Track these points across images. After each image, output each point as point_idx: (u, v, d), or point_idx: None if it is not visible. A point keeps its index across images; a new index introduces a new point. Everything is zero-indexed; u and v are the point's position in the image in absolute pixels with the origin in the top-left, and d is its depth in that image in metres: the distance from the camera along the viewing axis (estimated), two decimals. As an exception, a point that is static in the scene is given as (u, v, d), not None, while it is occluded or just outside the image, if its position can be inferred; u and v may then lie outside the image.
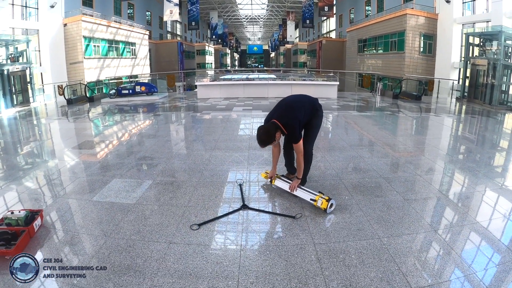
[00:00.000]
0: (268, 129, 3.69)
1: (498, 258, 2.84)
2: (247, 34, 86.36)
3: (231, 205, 3.80)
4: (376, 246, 2.99)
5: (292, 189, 3.97)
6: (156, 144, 6.82)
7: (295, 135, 3.75)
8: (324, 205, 3.58)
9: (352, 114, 11.01)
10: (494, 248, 2.99)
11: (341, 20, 40.30)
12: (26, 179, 4.90)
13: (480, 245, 3.07)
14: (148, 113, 11.88)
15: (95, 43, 24.37)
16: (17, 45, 16.96)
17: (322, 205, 3.59)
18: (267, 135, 3.65)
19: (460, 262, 2.79)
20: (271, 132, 3.66)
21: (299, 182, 4.00)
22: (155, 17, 39.64)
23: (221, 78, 18.82)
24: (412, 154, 6.17)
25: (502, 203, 4.05)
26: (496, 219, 3.63)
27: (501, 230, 3.32)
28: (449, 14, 20.85)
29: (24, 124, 10.67)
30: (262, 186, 4.39)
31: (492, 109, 13.08)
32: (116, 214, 3.59)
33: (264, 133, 3.67)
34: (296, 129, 3.74)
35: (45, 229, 3.31)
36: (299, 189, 3.96)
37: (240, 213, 3.63)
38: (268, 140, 3.67)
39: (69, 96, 16.37)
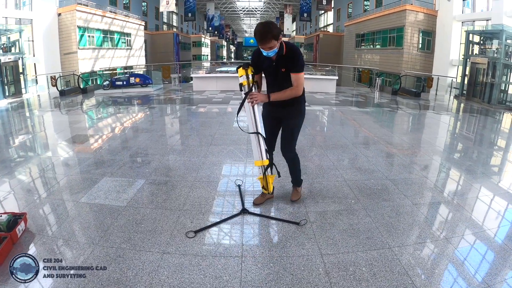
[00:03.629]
0: (270, 22, 3.08)
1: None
2: (244, 26, 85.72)
3: (230, 209, 3.53)
4: (387, 257, 2.76)
5: (253, 100, 3.16)
6: (150, 139, 6.53)
7: (300, 61, 3.13)
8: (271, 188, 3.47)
9: (353, 110, 10.77)
10: (508, 259, 2.78)
11: (339, 14, 39.99)
12: (10, 177, 4.59)
13: (496, 257, 2.84)
14: (143, 106, 11.57)
15: (89, 34, 23.94)
16: (9, 34, 16.56)
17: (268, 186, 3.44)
18: (268, 26, 2.98)
19: (474, 275, 2.59)
20: (274, 25, 3.03)
21: (265, 100, 3.18)
22: (151, 8, 39.07)
23: (217, 70, 18.50)
24: (417, 154, 5.95)
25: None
26: (505, 226, 3.44)
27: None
28: (449, 11, 20.69)
29: (14, 116, 10.32)
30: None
31: (491, 108, 12.97)
32: (105, 218, 3.31)
33: (265, 24, 3.01)
34: (301, 56, 3.18)
35: (29, 233, 3.03)
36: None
37: (240, 218, 3.36)
38: (269, 31, 2.94)
39: (61, 87, 15.98)
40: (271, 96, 3.15)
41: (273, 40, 2.95)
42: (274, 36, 2.94)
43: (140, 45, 31.73)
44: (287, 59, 3.11)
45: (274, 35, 2.93)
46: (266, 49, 3.01)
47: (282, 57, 3.11)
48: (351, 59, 30.84)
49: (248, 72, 3.20)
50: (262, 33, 2.94)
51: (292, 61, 3.10)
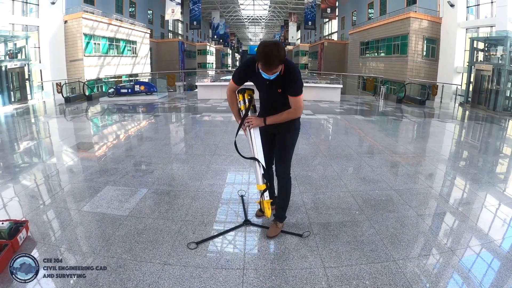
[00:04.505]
0: (278, 43, 2.65)
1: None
2: (249, 34, 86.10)
3: (232, 220, 3.50)
4: (391, 269, 2.71)
5: (250, 124, 3.00)
6: (154, 147, 6.53)
7: (299, 82, 2.80)
8: (268, 213, 3.09)
9: (357, 119, 10.72)
10: None
11: (344, 22, 40.04)
12: (13, 183, 4.60)
13: (501, 267, 2.79)
14: (147, 114, 11.59)
15: (95, 41, 24.10)
16: (16, 41, 16.71)
17: (264, 210, 3.09)
18: (276, 48, 2.58)
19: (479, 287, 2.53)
20: (280, 46, 2.64)
21: (260, 124, 2.99)
22: (157, 16, 39.38)
23: (222, 78, 18.52)
24: (422, 163, 5.89)
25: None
26: (511, 236, 3.38)
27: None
28: (453, 18, 20.66)
29: (20, 122, 10.39)
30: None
31: (497, 115, 12.89)
32: (106, 227, 3.29)
33: (271, 45, 2.60)
34: (300, 75, 2.84)
35: (30, 241, 3.02)
36: (256, 147, 3.08)
37: (242, 229, 3.32)
38: (276, 55, 2.56)
39: (67, 94, 16.10)
40: (267, 120, 2.94)
41: (280, 65, 2.66)
42: (281, 60, 2.61)
43: (145, 53, 31.91)
44: (285, 80, 2.77)
45: (281, 59, 2.60)
46: (269, 73, 2.68)
47: (279, 77, 2.75)
48: (356, 67, 30.82)
49: (245, 97, 3.04)
50: (269, 59, 2.58)
51: (291, 83, 2.77)
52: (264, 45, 2.59)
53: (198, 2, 32.72)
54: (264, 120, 2.95)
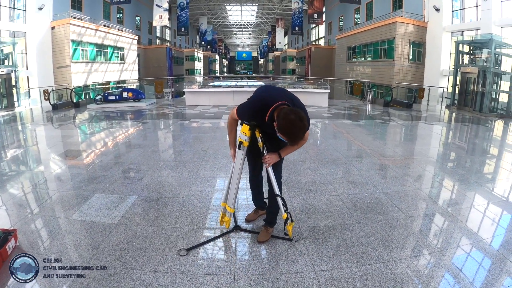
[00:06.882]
0: (300, 114, 2.56)
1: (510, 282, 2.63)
2: (236, 40, 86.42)
3: (222, 226, 3.48)
4: (382, 271, 2.74)
5: (267, 163, 2.96)
6: (142, 154, 6.49)
7: (307, 126, 2.70)
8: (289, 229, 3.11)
9: (345, 123, 10.80)
10: (504, 270, 2.77)
11: (331, 27, 40.42)
12: (1, 192, 4.51)
13: (491, 267, 2.84)
14: (135, 120, 11.52)
15: (83, 47, 23.89)
16: (2, 47, 16.52)
17: (288, 233, 3.12)
18: (303, 123, 2.54)
19: (470, 285, 2.59)
20: (306, 118, 2.61)
21: (276, 159, 2.99)
22: (145, 22, 39.22)
23: (210, 85, 18.47)
24: (410, 165, 5.96)
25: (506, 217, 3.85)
26: (500, 235, 3.44)
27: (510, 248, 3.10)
28: (438, 22, 20.98)
29: (7, 129, 10.21)
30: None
31: (483, 116, 13.12)
32: (96, 235, 3.26)
33: (299, 120, 2.52)
34: (309, 120, 2.76)
35: (19, 250, 2.96)
36: (272, 174, 3.04)
37: (232, 235, 3.32)
38: (304, 130, 2.58)
39: (54, 101, 15.92)
40: (282, 154, 2.97)
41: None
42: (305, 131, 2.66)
43: (133, 59, 31.73)
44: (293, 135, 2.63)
45: (305, 131, 2.64)
46: None
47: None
48: (343, 72, 31.07)
49: (257, 135, 2.94)
50: (296, 137, 2.59)
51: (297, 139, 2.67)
52: (292, 124, 2.51)
53: (186, 8, 32.70)
54: (279, 154, 2.97)
